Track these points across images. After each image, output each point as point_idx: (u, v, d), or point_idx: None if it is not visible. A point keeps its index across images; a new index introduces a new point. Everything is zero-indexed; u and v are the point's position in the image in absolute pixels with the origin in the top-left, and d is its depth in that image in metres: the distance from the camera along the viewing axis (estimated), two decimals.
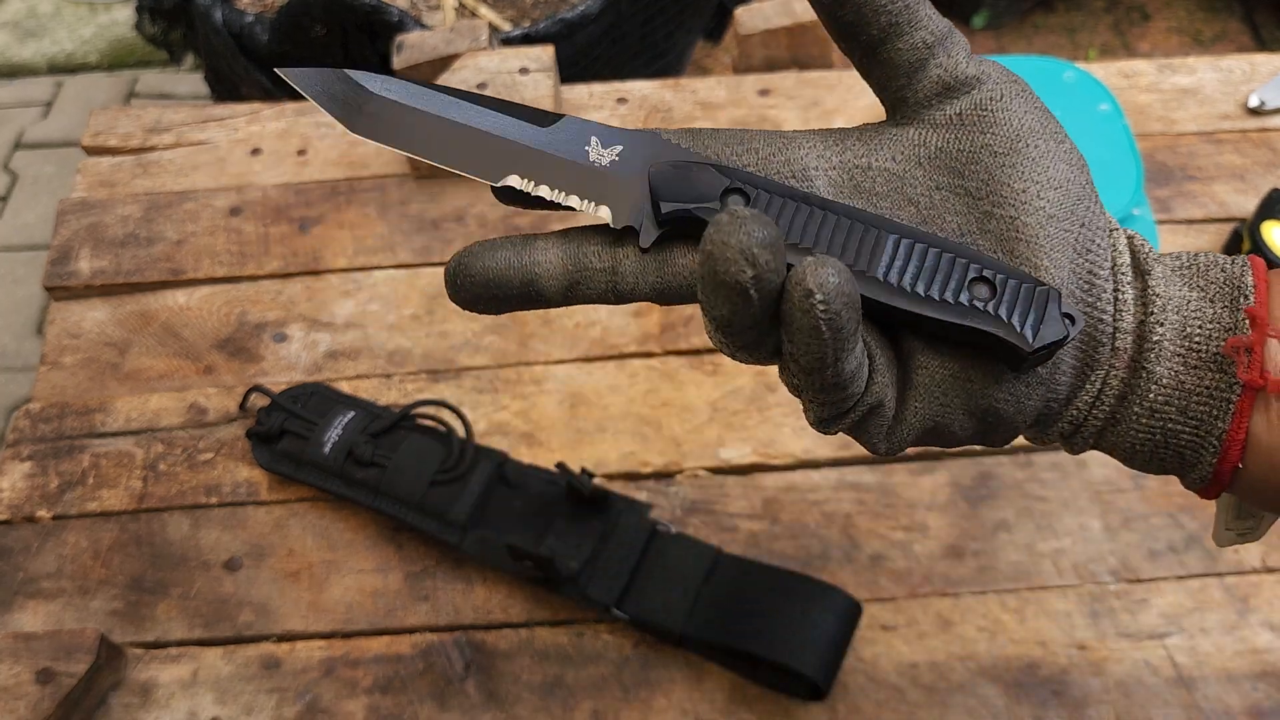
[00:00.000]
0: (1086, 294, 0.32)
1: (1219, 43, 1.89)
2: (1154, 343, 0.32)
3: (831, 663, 0.56)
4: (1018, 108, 0.33)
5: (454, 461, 0.61)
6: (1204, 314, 0.32)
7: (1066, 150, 0.33)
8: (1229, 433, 0.32)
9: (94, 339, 0.72)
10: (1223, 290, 0.33)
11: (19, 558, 0.63)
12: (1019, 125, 0.32)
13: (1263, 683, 0.56)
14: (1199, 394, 0.32)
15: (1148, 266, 0.33)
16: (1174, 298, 0.33)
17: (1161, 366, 0.32)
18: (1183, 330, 0.32)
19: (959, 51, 0.33)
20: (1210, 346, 0.32)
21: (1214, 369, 0.32)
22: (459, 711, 0.57)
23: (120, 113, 0.84)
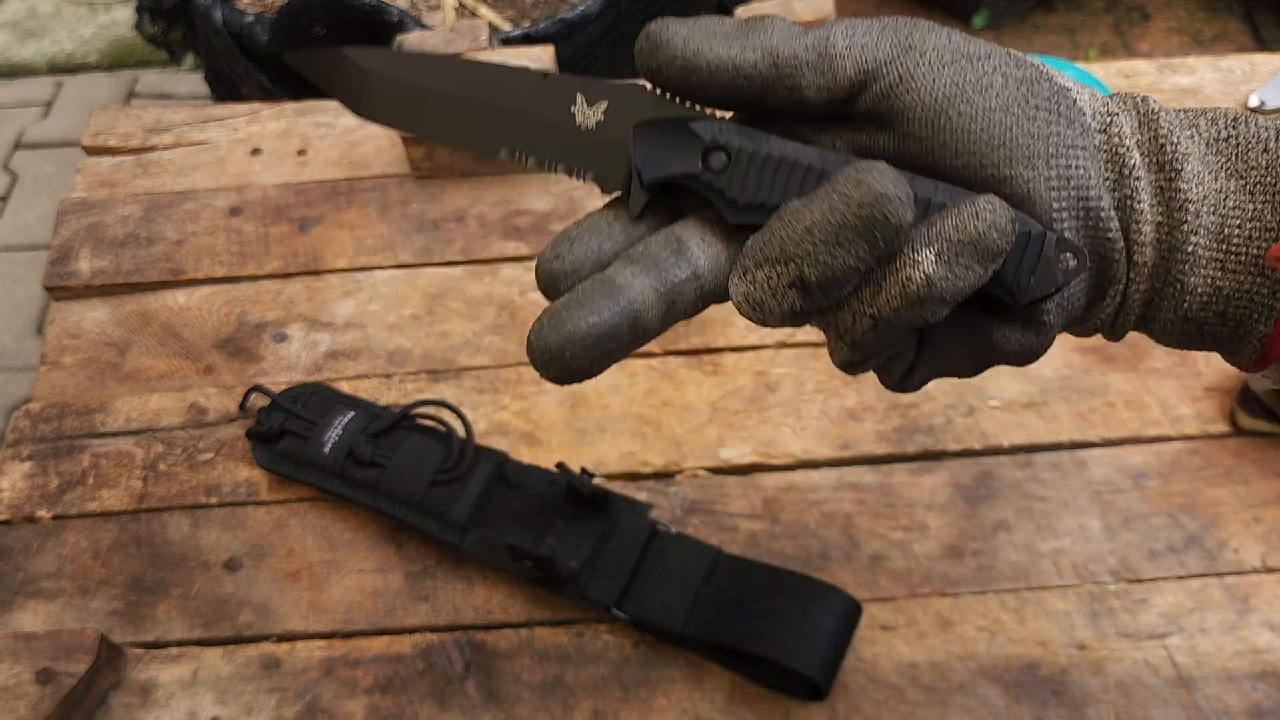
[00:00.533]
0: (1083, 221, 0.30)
1: (1219, 43, 1.90)
2: (1188, 253, 0.30)
3: (831, 662, 0.56)
4: (922, 80, 0.29)
5: (454, 461, 0.61)
6: (1244, 210, 0.30)
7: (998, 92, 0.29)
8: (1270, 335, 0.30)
9: (94, 339, 0.72)
10: (1265, 180, 0.30)
11: (19, 558, 0.63)
12: (930, 101, 0.29)
13: (1263, 683, 0.56)
14: (1238, 298, 0.30)
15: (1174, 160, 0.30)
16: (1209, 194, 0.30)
17: (1196, 277, 0.30)
18: (1220, 232, 0.30)
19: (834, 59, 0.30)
20: (1250, 249, 0.30)
21: (1253, 273, 0.30)
22: (459, 711, 0.57)
23: (120, 113, 0.84)
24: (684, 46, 0.30)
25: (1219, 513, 0.62)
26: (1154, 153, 0.31)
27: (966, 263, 0.28)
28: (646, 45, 0.30)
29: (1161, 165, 0.30)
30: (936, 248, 0.28)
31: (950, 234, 0.28)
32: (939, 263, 0.28)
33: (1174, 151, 0.30)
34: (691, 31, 0.30)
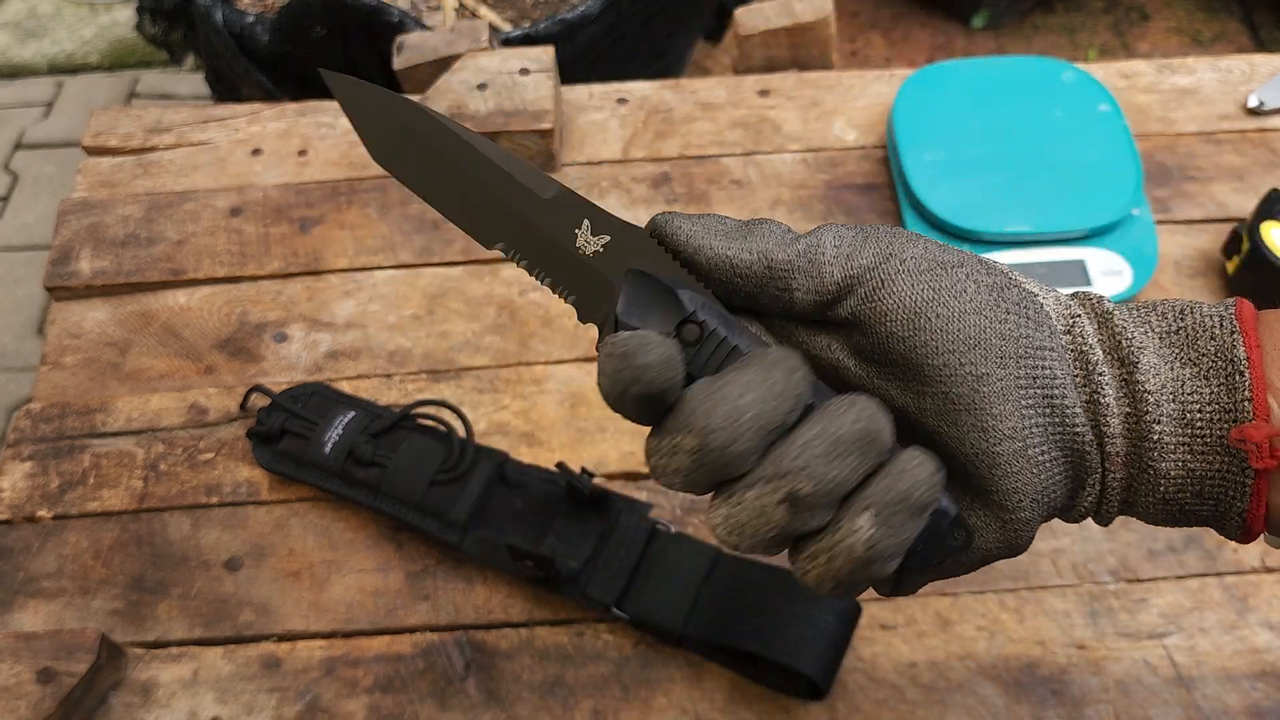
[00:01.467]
0: (1049, 418, 0.32)
1: (1218, 43, 1.90)
2: (1155, 441, 0.32)
3: (831, 662, 0.56)
4: (902, 286, 0.32)
5: (454, 461, 0.61)
6: (1201, 395, 0.32)
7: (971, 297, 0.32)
8: (1249, 510, 0.32)
9: (95, 339, 0.72)
10: (1216, 364, 0.32)
11: (20, 557, 0.63)
12: (910, 304, 0.32)
13: (1262, 682, 0.57)
14: (1211, 478, 0.32)
15: (1131, 353, 0.32)
16: (1167, 383, 0.32)
17: (1167, 462, 0.32)
18: (1183, 418, 0.32)
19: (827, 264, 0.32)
20: (1214, 431, 0.31)
21: (1222, 453, 0.31)
22: (459, 711, 0.57)
23: (121, 113, 0.84)
24: (687, 241, 0.32)
25: None
26: (1113, 349, 0.33)
27: (901, 519, 0.30)
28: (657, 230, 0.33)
29: (1121, 360, 0.32)
30: (873, 509, 0.30)
31: (881, 494, 0.30)
32: (876, 524, 0.30)
33: (1129, 346, 0.32)
34: (695, 227, 0.32)
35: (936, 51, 1.91)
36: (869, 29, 1.97)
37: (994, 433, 0.31)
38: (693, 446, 0.30)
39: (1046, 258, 0.70)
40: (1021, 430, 0.31)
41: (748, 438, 0.30)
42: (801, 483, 0.30)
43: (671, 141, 0.81)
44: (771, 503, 0.30)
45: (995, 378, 0.31)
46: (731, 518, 0.31)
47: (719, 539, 0.31)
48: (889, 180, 0.78)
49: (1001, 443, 0.31)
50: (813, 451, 0.30)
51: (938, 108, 0.77)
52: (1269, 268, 0.67)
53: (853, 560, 0.30)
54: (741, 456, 0.30)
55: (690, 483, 0.31)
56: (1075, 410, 0.32)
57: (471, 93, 0.78)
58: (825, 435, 0.30)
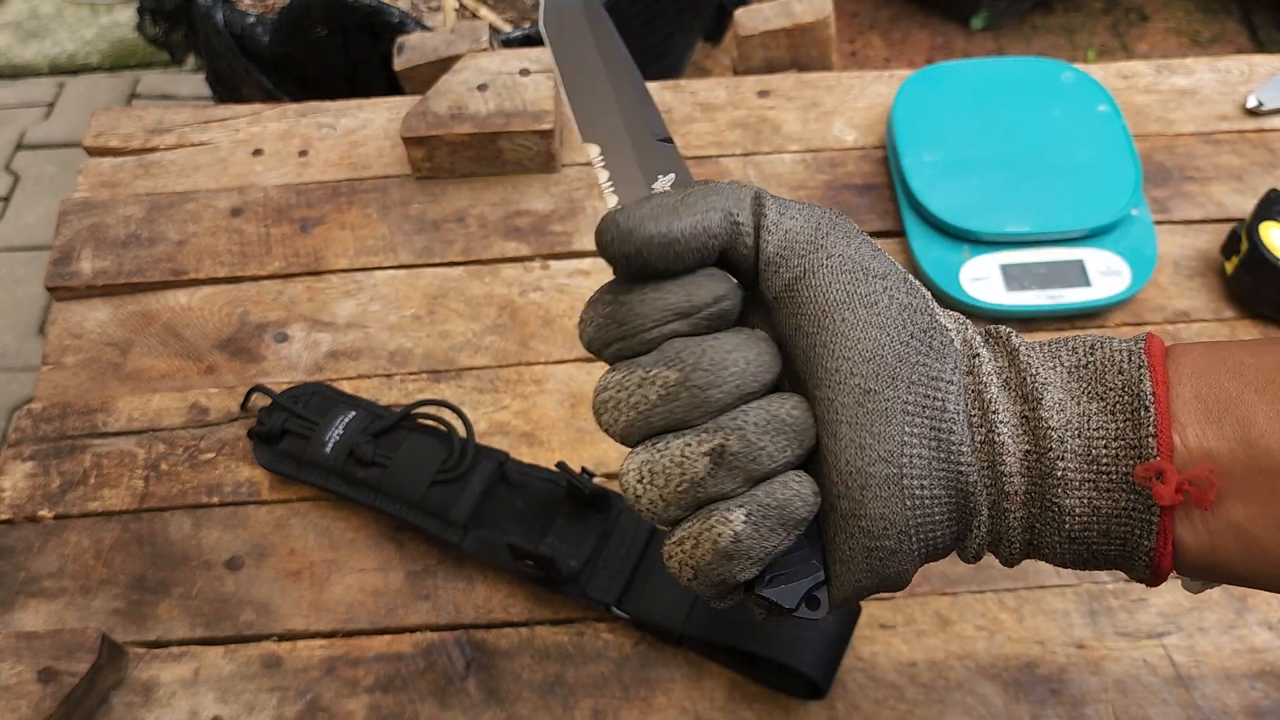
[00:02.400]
0: (935, 452, 0.31)
1: (1217, 44, 1.90)
2: (1058, 478, 0.31)
3: (830, 661, 0.56)
4: (823, 279, 0.32)
5: (455, 461, 0.61)
6: (1107, 431, 0.31)
7: (882, 311, 0.32)
8: (1156, 548, 0.31)
9: (96, 339, 0.73)
10: (1122, 399, 0.31)
11: (21, 557, 0.63)
12: (824, 300, 0.32)
13: (1261, 682, 0.57)
14: (1117, 516, 0.31)
15: (1035, 390, 0.32)
16: (1073, 419, 0.32)
17: (1071, 499, 0.31)
18: (1088, 454, 0.31)
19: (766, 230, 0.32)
20: (1119, 468, 0.31)
21: (1126, 490, 0.31)
22: (460, 710, 0.57)
23: (122, 113, 0.85)
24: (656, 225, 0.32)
25: None
26: (1017, 385, 0.32)
27: (772, 526, 0.31)
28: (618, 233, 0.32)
29: (1025, 396, 0.32)
30: (747, 509, 0.31)
31: (761, 499, 0.31)
32: (747, 523, 0.30)
33: (1034, 382, 0.32)
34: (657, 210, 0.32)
35: (936, 52, 1.92)
36: (868, 30, 1.97)
37: (870, 452, 0.31)
38: (674, 380, 0.31)
39: (1046, 258, 0.70)
40: (898, 457, 0.31)
41: (726, 389, 0.31)
42: (733, 439, 0.30)
43: None
44: (697, 453, 0.31)
45: (883, 396, 0.31)
46: (650, 463, 0.31)
47: (623, 488, 0.32)
48: (888, 181, 0.78)
49: (875, 464, 0.31)
50: (752, 419, 0.31)
51: (937, 108, 0.77)
52: (1268, 268, 0.67)
53: (714, 550, 0.31)
54: (708, 405, 0.31)
55: (641, 420, 0.31)
56: (962, 448, 0.31)
57: (472, 93, 0.78)
58: (767, 411, 0.31)
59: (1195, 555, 0.31)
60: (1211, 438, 0.30)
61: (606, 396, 0.32)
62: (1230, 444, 0.30)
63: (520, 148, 0.78)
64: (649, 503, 0.32)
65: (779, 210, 0.33)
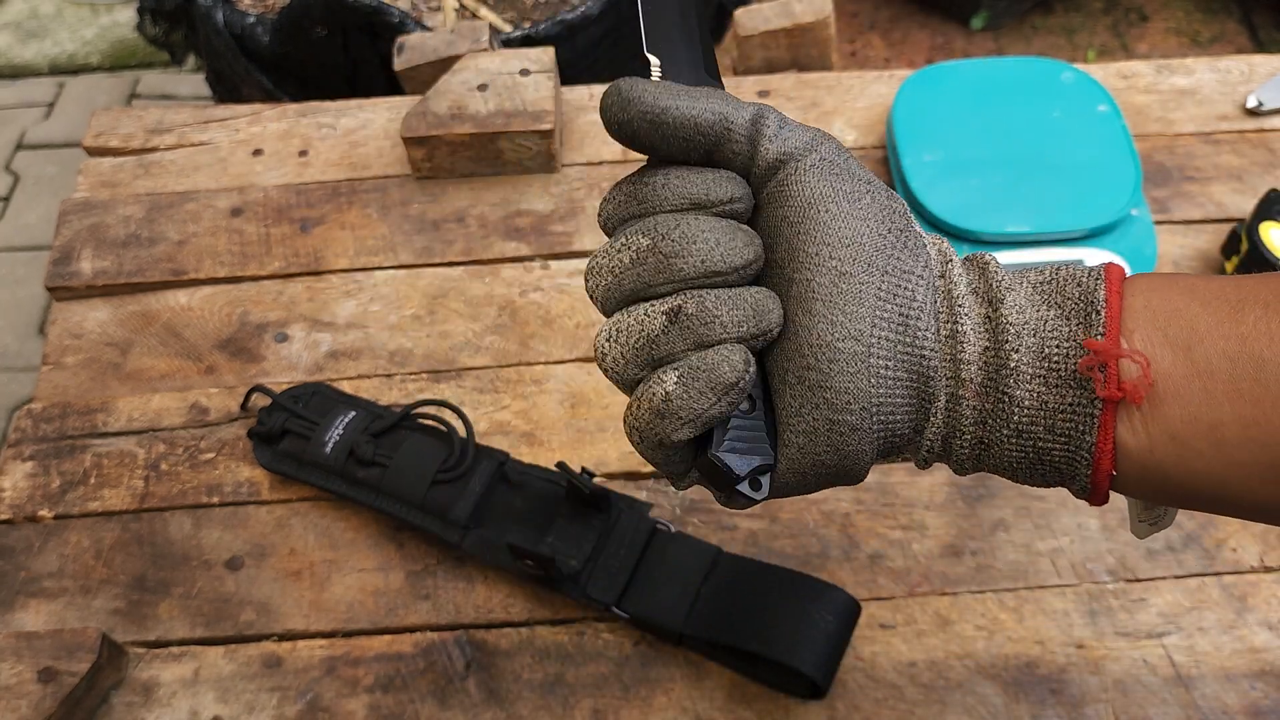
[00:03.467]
0: (901, 335, 0.33)
1: (1217, 44, 1.90)
2: (1011, 369, 0.33)
3: (830, 661, 0.56)
4: (811, 178, 0.34)
5: (455, 461, 0.61)
6: (1060, 332, 0.33)
7: (864, 207, 0.34)
8: (1097, 445, 0.33)
9: (96, 339, 0.73)
10: (1078, 306, 0.34)
11: (21, 557, 0.63)
12: (810, 194, 0.34)
13: (1260, 681, 0.57)
14: (1063, 411, 0.33)
15: (999, 293, 0.34)
16: (1030, 320, 0.34)
17: (1021, 390, 0.33)
18: (1040, 351, 0.33)
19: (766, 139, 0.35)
20: (1068, 365, 0.33)
21: (1074, 386, 0.33)
22: (460, 710, 0.57)
23: (122, 113, 0.85)
24: (654, 102, 0.34)
25: None
26: (984, 291, 0.35)
27: (700, 388, 0.32)
28: (617, 100, 0.34)
29: (989, 300, 0.35)
30: (679, 371, 0.33)
31: (693, 361, 0.33)
32: (678, 383, 0.33)
33: (998, 288, 0.35)
34: (661, 91, 0.34)
35: (936, 52, 1.92)
36: (868, 30, 1.97)
37: (840, 328, 0.33)
38: (644, 246, 0.33)
39: (1046, 258, 0.70)
40: (867, 336, 0.33)
41: (690, 261, 0.33)
42: (690, 303, 0.33)
43: None
44: (656, 311, 0.33)
45: (857, 279, 0.33)
46: (617, 323, 0.34)
47: (594, 348, 0.34)
48: (888, 181, 0.78)
49: (844, 340, 0.33)
50: (714, 292, 0.33)
51: (937, 108, 0.77)
52: (1267, 268, 0.67)
53: (650, 409, 0.33)
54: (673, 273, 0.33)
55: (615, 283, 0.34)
56: (927, 334, 0.34)
57: (472, 93, 0.78)
58: (731, 290, 0.33)
59: (1134, 459, 0.33)
60: (1157, 343, 0.33)
61: (593, 263, 0.35)
62: (1172, 350, 0.32)
63: (520, 148, 0.78)
64: (613, 360, 0.34)
65: (779, 123, 0.35)
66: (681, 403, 0.33)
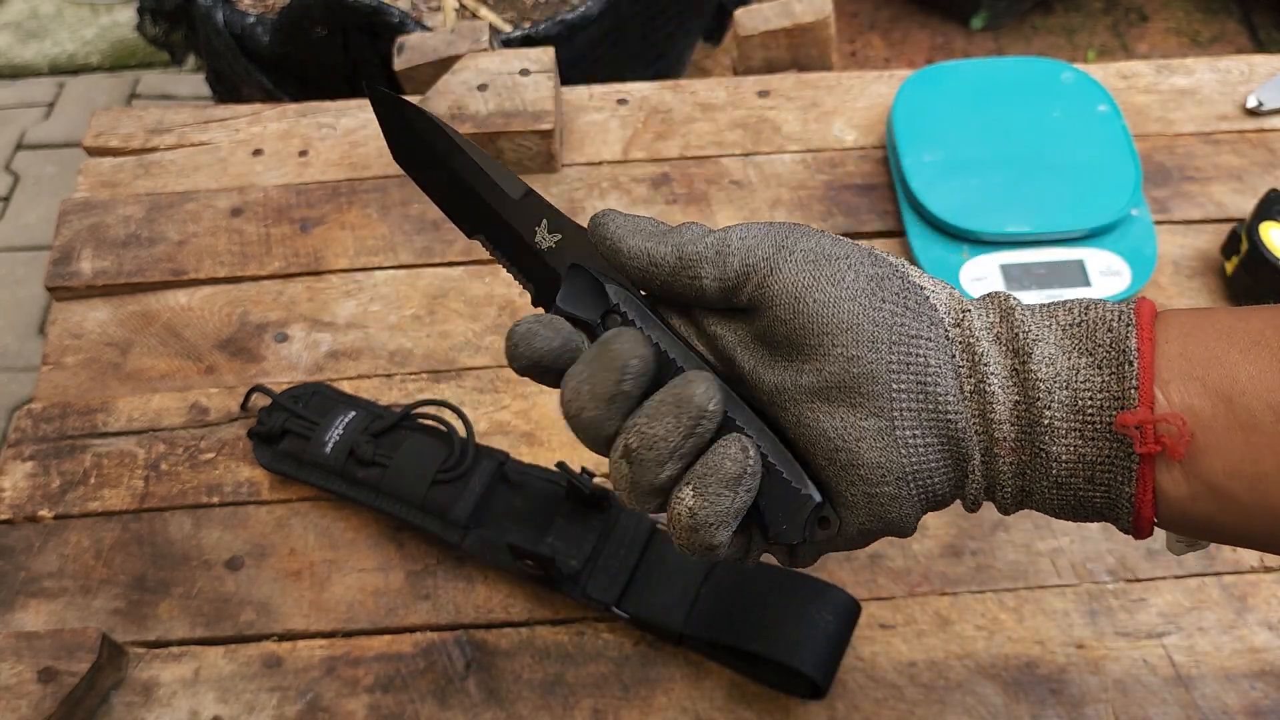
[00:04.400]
0: (923, 403, 0.34)
1: (1217, 44, 1.90)
2: (1045, 425, 0.33)
3: (830, 661, 0.56)
4: (788, 273, 0.35)
5: (455, 461, 0.61)
6: (1093, 384, 0.33)
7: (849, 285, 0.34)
8: (1137, 495, 0.33)
9: (96, 339, 0.73)
10: (1110, 355, 0.33)
11: (21, 557, 0.63)
12: (791, 288, 0.35)
13: (1260, 681, 0.57)
14: (1101, 464, 0.33)
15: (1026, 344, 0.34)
16: (1061, 371, 0.33)
17: (1057, 446, 0.33)
18: (1074, 404, 0.33)
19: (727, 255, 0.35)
20: (1103, 418, 0.33)
21: (1110, 439, 0.33)
22: (460, 710, 0.57)
23: (122, 113, 0.85)
24: (614, 234, 0.37)
25: None
26: (1010, 340, 0.34)
27: (716, 490, 0.34)
28: (592, 226, 0.38)
29: (1016, 351, 0.34)
30: (692, 484, 0.34)
31: (699, 469, 0.34)
32: (695, 494, 0.34)
33: (1026, 338, 0.34)
34: (624, 225, 0.37)
35: (936, 52, 1.92)
36: (868, 30, 1.97)
37: (862, 409, 0.34)
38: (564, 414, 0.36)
39: (1046, 258, 0.70)
40: (889, 410, 0.34)
41: (590, 408, 0.35)
42: (631, 438, 0.34)
43: (671, 142, 0.81)
44: (616, 458, 0.35)
45: (866, 360, 0.34)
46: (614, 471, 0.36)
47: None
48: (888, 181, 0.78)
49: (868, 419, 0.34)
50: (641, 413, 0.35)
51: (937, 108, 0.77)
52: (1268, 268, 0.67)
53: (683, 527, 0.34)
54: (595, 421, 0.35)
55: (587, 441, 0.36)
56: (948, 397, 0.34)
57: (472, 93, 0.78)
58: (651, 402, 0.35)
59: (1175, 507, 0.33)
60: (1194, 394, 0.32)
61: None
62: (1212, 400, 0.32)
63: (520, 148, 0.78)
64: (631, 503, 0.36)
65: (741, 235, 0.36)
66: (707, 510, 0.34)
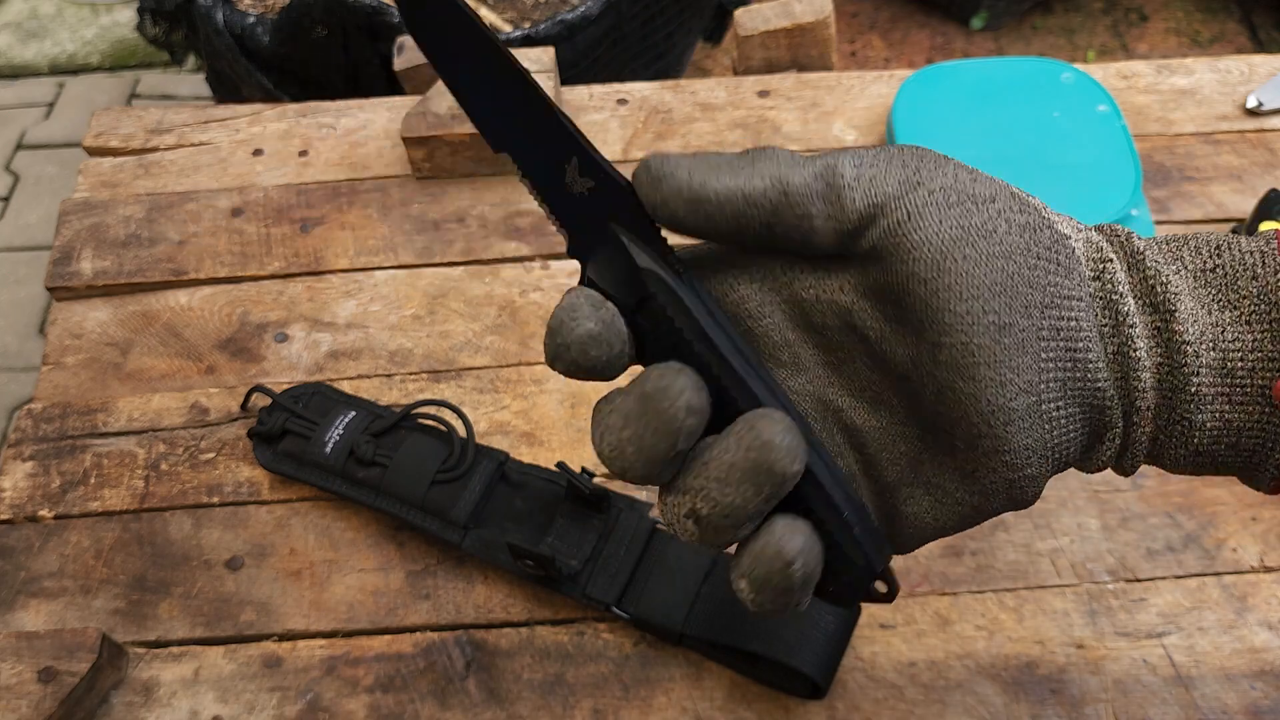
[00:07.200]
0: (1070, 372, 0.30)
1: (1217, 44, 1.90)
2: (1192, 394, 0.30)
3: (830, 661, 0.56)
4: (929, 221, 0.29)
5: (455, 461, 0.61)
6: (1243, 343, 0.30)
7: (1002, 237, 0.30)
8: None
9: (96, 339, 0.73)
10: (1259, 308, 0.30)
11: (21, 557, 0.63)
12: (937, 242, 0.29)
13: (1260, 681, 0.57)
14: (1249, 429, 0.30)
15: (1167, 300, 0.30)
16: (1207, 330, 0.30)
17: (1204, 414, 0.30)
18: (1223, 368, 0.30)
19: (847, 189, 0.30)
20: (1256, 380, 0.30)
21: (1262, 403, 0.30)
22: (460, 710, 0.57)
23: (122, 113, 0.85)
24: (689, 179, 0.30)
25: (1217, 512, 0.62)
26: (1145, 294, 0.31)
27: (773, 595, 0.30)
28: (648, 179, 0.30)
29: (1155, 307, 0.30)
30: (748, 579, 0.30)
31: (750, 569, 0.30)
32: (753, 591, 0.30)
33: (1165, 291, 0.30)
34: (695, 164, 0.30)
35: (936, 52, 1.92)
36: (868, 30, 1.97)
37: (1010, 387, 0.29)
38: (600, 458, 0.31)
39: None
40: (1037, 385, 0.29)
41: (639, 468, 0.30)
42: (700, 504, 0.30)
43: (671, 142, 0.81)
44: (679, 515, 0.31)
45: (1018, 328, 0.29)
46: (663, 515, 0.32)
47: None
48: None
49: (1016, 398, 0.29)
50: (709, 474, 0.29)
51: (937, 109, 0.77)
52: None
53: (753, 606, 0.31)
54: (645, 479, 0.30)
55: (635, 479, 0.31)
56: (1098, 365, 0.30)
57: None
58: (721, 462, 0.29)
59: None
60: None
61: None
62: None
63: None
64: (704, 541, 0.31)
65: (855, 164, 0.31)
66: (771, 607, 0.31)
